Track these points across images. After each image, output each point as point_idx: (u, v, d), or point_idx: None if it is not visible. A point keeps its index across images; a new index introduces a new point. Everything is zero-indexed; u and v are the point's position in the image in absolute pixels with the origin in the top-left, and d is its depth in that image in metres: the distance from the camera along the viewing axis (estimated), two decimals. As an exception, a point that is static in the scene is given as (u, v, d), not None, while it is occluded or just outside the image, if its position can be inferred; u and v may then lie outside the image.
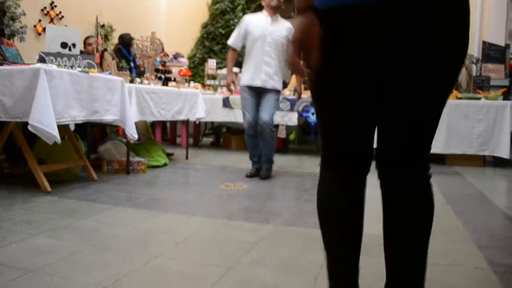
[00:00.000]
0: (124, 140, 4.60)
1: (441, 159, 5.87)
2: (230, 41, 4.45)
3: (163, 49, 6.49)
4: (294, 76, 6.92)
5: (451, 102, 5.64)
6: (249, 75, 4.31)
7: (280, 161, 5.69)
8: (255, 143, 4.40)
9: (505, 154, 5.42)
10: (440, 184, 4.23)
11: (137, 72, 5.39)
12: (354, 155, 1.24)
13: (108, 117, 3.78)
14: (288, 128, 6.55)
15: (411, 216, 1.21)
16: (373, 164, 1.28)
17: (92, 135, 4.79)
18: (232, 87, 4.54)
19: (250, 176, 4.38)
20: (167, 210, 3.01)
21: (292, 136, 7.80)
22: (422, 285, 1.25)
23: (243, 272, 1.91)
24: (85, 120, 3.59)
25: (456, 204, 3.32)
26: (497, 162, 5.80)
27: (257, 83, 4.28)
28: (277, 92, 4.38)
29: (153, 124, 6.68)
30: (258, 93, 4.33)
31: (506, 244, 2.45)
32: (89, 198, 3.24)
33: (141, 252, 2.13)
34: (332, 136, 1.25)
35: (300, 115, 6.10)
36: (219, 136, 7.56)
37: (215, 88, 7.14)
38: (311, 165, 5.46)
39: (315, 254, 2.17)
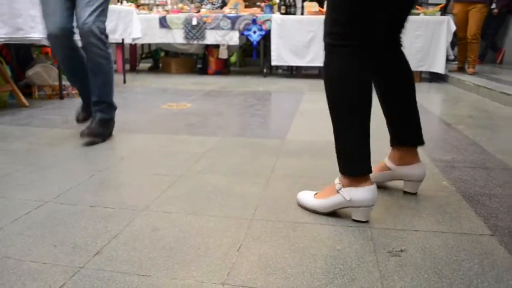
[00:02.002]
0: (53, 63, 4.27)
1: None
2: None
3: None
4: (233, -6, 6.64)
5: (390, 17, 5.65)
6: None
7: (222, 82, 5.58)
8: (72, 64, 2.56)
9: (440, 70, 5.60)
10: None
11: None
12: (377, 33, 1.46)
13: (35, 35, 3.44)
14: (230, 49, 6.37)
15: (409, 71, 1.64)
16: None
17: (17, 58, 4.39)
18: None
19: (82, 120, 2.71)
20: (108, 129, 2.86)
21: (233, 58, 7.63)
22: None
23: (194, 179, 1.86)
24: (7, 38, 3.26)
25: (397, 113, 3.41)
26: (432, 78, 6.00)
27: None
28: None
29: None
30: None
31: (445, 144, 2.56)
32: (20, 123, 3.02)
33: (84, 168, 2.02)
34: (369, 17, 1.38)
35: (241, 34, 5.91)
36: (158, 60, 7.24)
37: (150, 8, 6.72)
38: (254, 84, 5.40)
39: (266, 159, 2.17)
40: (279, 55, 5.82)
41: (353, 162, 1.44)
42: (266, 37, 5.96)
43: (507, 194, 1.73)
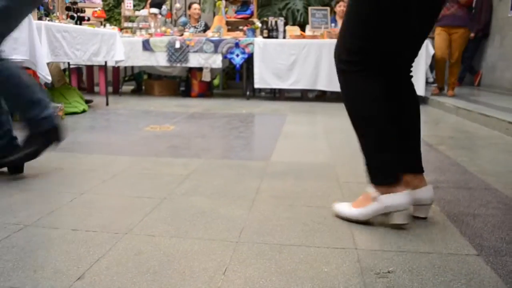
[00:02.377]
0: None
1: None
2: None
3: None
4: (216, 17, 6.72)
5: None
6: None
7: (206, 104, 5.59)
8: None
9: (421, 92, 5.68)
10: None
11: (45, 10, 4.90)
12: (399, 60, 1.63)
13: (16, 57, 3.42)
14: (213, 72, 6.40)
15: (418, 100, 1.72)
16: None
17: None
18: None
19: None
20: (90, 151, 2.83)
21: (216, 81, 7.66)
22: None
23: (178, 201, 1.84)
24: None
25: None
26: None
27: None
28: None
29: (68, 71, 6.22)
30: None
31: (428, 164, 2.57)
32: (0, 145, 2.95)
33: (66, 190, 1.98)
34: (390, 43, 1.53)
35: (224, 57, 5.95)
36: (141, 83, 7.23)
37: (133, 31, 6.74)
38: (237, 106, 5.41)
39: (250, 181, 2.15)
40: (262, 78, 5.86)
41: (383, 173, 1.57)
42: (249, 60, 6.01)
43: (491, 213, 1.74)
